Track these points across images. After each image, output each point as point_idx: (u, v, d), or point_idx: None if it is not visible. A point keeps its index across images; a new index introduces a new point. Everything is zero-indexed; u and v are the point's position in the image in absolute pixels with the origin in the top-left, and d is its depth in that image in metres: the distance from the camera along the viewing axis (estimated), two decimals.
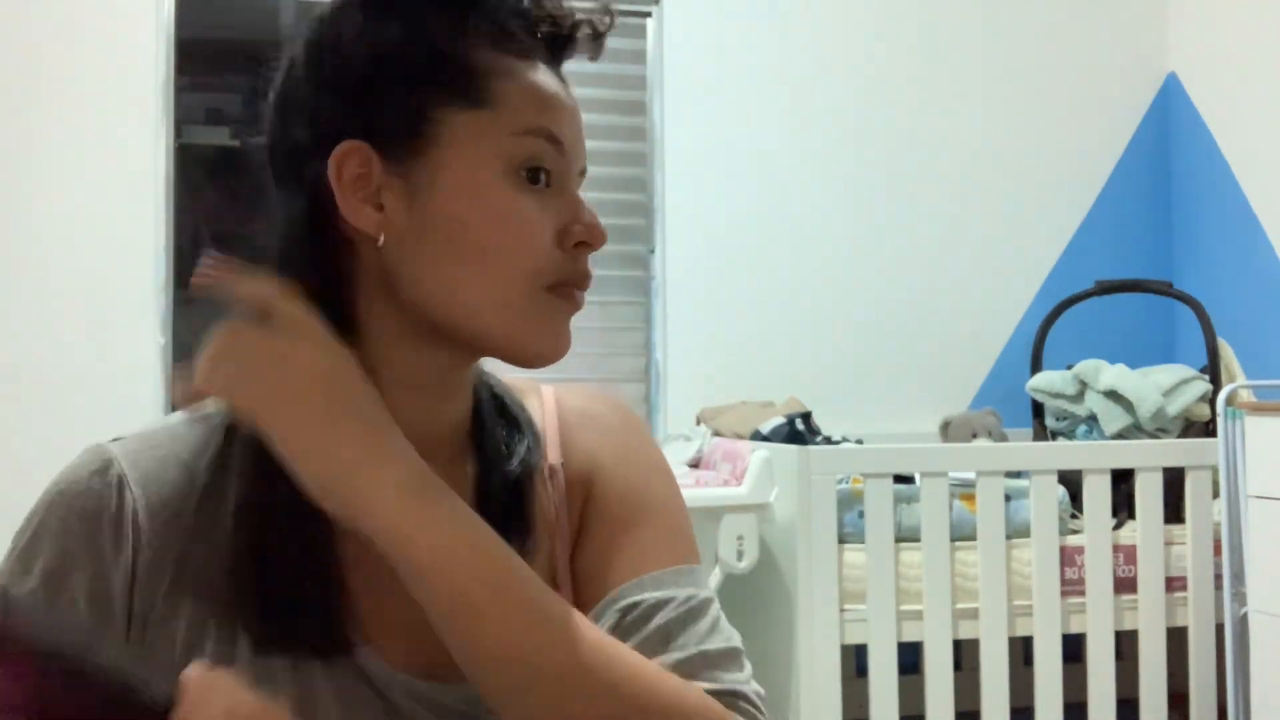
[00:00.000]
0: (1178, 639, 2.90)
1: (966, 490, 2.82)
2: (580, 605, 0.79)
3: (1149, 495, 2.87)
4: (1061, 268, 3.79)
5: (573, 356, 0.83)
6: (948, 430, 3.43)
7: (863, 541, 2.70)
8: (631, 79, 3.56)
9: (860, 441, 3.19)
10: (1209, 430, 3.06)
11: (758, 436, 3.02)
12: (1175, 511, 2.92)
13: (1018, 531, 2.81)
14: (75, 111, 3.13)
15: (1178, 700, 2.92)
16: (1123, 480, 2.91)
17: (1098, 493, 2.86)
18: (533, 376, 0.87)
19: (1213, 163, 3.74)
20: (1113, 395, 3.15)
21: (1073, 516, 2.92)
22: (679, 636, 0.78)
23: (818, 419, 3.16)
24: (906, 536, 2.74)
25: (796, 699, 2.63)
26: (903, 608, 2.71)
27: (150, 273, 3.16)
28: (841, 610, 2.67)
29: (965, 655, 2.97)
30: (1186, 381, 3.14)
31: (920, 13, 3.75)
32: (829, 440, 3.07)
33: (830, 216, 3.64)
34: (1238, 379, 3.18)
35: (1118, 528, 2.92)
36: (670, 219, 3.53)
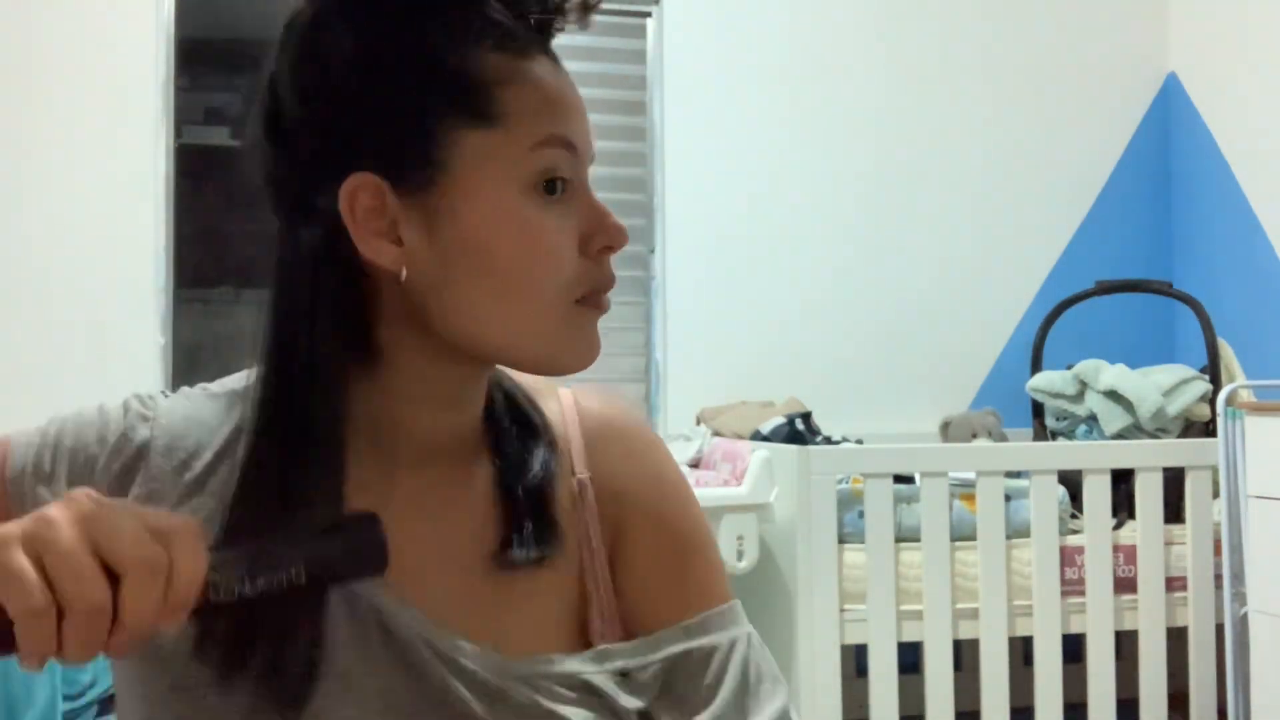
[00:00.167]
0: (1178, 639, 2.90)
1: (966, 490, 2.82)
2: (624, 633, 0.81)
3: (1149, 495, 2.87)
4: (1061, 268, 3.79)
5: None
6: (948, 430, 3.43)
7: (863, 541, 2.70)
8: (631, 79, 3.56)
9: (860, 441, 3.19)
10: (1209, 430, 3.06)
11: (758, 436, 3.02)
12: (1175, 511, 2.92)
13: (1018, 531, 2.81)
14: (75, 112, 3.13)
15: (1178, 700, 2.92)
16: (1123, 480, 2.91)
17: (1098, 493, 2.86)
18: None
19: (1213, 163, 3.74)
20: (1113, 395, 3.15)
21: (1073, 516, 2.92)
22: (723, 692, 0.79)
23: (818, 419, 3.16)
24: (906, 536, 2.74)
25: (796, 699, 2.63)
26: (903, 608, 2.71)
27: (150, 273, 3.16)
28: (841, 610, 2.67)
29: (965, 655, 2.97)
30: (1186, 381, 3.14)
31: (920, 13, 3.75)
32: (829, 440, 3.07)
33: (830, 216, 3.64)
34: (1238, 379, 3.18)
35: (1118, 528, 2.91)
36: (670, 219, 3.53)
